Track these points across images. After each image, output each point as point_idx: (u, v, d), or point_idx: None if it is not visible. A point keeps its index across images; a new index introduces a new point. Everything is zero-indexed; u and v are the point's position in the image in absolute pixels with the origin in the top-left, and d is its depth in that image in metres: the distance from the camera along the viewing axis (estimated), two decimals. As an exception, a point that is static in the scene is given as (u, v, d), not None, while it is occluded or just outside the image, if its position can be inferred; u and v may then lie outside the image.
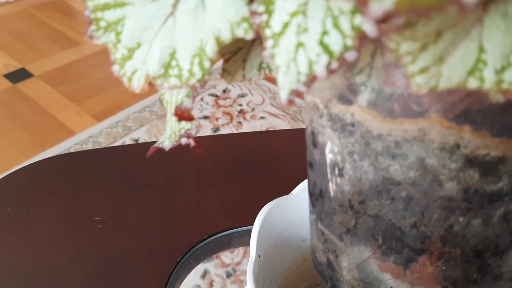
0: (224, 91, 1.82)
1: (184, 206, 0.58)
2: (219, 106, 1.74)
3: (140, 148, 0.68)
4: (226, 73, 0.29)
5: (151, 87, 0.25)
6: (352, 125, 0.28)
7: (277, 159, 0.66)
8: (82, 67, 1.20)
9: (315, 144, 0.32)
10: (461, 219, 0.27)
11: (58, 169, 0.64)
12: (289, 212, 0.42)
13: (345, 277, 0.33)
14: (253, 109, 1.76)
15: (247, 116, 1.72)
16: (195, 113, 1.63)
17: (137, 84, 0.25)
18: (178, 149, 0.32)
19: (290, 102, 0.19)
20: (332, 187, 0.31)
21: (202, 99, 1.73)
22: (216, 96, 1.80)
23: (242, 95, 1.82)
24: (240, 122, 1.70)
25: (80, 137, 1.38)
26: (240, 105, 1.78)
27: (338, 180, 0.30)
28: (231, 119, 1.70)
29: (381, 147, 0.27)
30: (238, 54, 0.28)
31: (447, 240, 0.28)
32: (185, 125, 0.28)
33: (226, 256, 1.07)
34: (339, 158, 0.30)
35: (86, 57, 1.24)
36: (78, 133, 1.25)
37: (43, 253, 0.54)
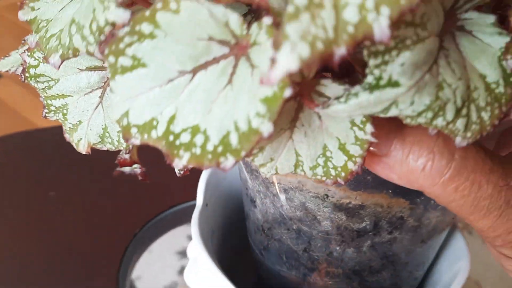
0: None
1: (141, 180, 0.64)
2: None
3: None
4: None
5: (93, 149, 0.33)
6: (256, 171, 0.35)
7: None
8: None
9: (240, 177, 0.40)
10: (337, 248, 0.34)
11: (12, 148, 0.69)
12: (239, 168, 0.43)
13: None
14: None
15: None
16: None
17: (83, 148, 0.33)
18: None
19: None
20: (251, 214, 0.39)
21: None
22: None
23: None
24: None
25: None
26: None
27: (253, 209, 0.38)
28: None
29: (276, 191, 0.34)
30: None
31: (330, 262, 0.35)
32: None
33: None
34: (252, 193, 0.37)
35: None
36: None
37: None
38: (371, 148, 0.26)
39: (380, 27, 0.17)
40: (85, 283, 0.55)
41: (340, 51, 0.17)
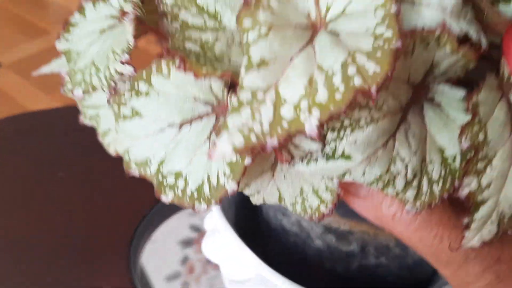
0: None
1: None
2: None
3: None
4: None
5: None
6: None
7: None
8: (53, 56, 1.12)
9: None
10: (328, 265, 0.38)
11: (22, 129, 0.70)
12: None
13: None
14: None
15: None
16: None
17: (112, 151, 0.37)
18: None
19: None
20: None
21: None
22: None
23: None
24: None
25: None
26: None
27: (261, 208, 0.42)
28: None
29: (277, 207, 0.38)
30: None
31: (323, 271, 0.39)
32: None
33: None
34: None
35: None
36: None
37: (8, 207, 0.61)
38: (350, 189, 0.29)
39: (311, 125, 0.19)
40: (95, 261, 0.57)
41: (273, 142, 0.20)
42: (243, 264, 0.39)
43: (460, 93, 0.25)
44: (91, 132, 0.36)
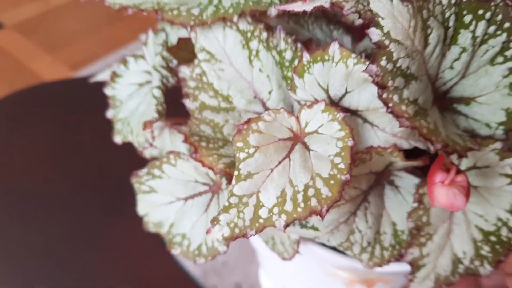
0: None
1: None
2: None
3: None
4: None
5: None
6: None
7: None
8: (56, 16, 1.07)
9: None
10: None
11: (45, 97, 0.77)
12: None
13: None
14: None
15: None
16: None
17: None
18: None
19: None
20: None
21: None
22: None
23: None
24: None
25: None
26: None
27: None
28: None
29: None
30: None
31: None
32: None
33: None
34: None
35: (58, 7, 1.10)
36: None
37: (35, 165, 0.68)
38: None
39: (280, 224, 0.27)
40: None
41: (251, 233, 0.27)
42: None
43: (415, 180, 0.32)
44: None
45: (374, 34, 0.25)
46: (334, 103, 0.29)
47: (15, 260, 0.58)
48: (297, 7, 0.27)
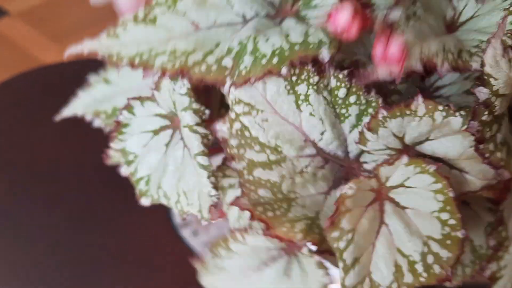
0: None
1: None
2: None
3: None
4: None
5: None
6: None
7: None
8: (63, 5, 1.05)
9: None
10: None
11: (56, 78, 0.74)
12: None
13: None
14: None
15: None
16: None
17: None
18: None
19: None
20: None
21: None
22: None
23: None
24: None
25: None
26: None
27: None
28: None
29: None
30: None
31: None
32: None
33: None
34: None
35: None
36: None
37: (48, 145, 0.66)
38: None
39: None
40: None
41: None
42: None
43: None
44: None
45: (482, 93, 0.22)
46: (407, 148, 0.27)
47: (24, 248, 0.57)
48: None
